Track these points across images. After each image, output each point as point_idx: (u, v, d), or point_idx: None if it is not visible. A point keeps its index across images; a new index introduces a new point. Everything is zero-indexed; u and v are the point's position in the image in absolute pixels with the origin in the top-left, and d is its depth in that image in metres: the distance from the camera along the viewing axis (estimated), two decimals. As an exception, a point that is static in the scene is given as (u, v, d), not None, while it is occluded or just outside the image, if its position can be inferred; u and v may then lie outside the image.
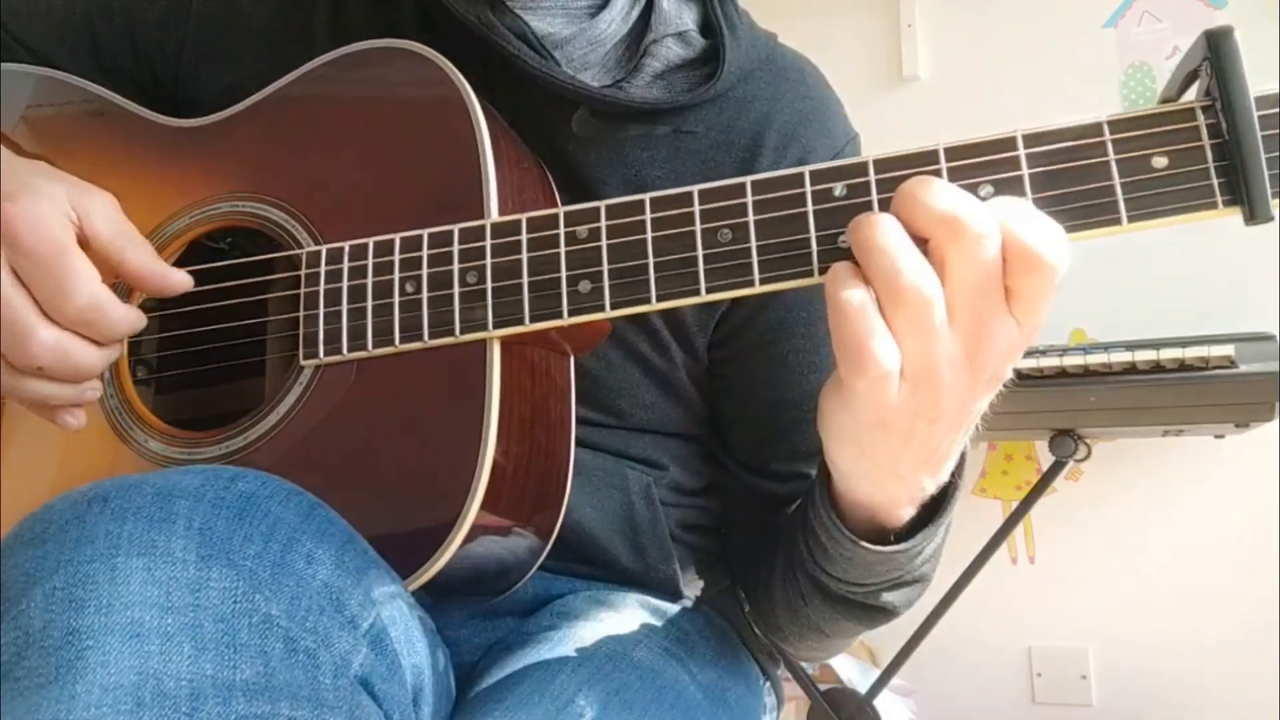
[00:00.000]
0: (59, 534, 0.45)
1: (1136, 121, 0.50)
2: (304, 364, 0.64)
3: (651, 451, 0.78)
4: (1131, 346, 1.69)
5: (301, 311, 0.64)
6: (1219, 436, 1.99)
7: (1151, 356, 1.65)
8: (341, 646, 0.48)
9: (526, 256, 0.58)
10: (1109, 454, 2.18)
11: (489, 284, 0.59)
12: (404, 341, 0.61)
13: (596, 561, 0.76)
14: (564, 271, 0.57)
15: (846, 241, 0.51)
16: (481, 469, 0.58)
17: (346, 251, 0.63)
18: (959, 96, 2.42)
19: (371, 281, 0.62)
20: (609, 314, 0.56)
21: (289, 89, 0.71)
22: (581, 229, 0.57)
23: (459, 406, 0.60)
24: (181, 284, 0.66)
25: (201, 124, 0.74)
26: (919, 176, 0.50)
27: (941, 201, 0.48)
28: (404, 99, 0.68)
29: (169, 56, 0.81)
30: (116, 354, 0.65)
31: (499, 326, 0.59)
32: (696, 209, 0.55)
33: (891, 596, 0.67)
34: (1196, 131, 0.49)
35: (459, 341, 0.60)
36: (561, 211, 0.58)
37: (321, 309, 0.63)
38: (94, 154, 0.76)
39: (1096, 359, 1.69)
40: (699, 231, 0.55)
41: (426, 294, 0.60)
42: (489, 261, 0.59)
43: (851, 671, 1.95)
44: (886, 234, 0.49)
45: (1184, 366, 1.64)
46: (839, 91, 0.83)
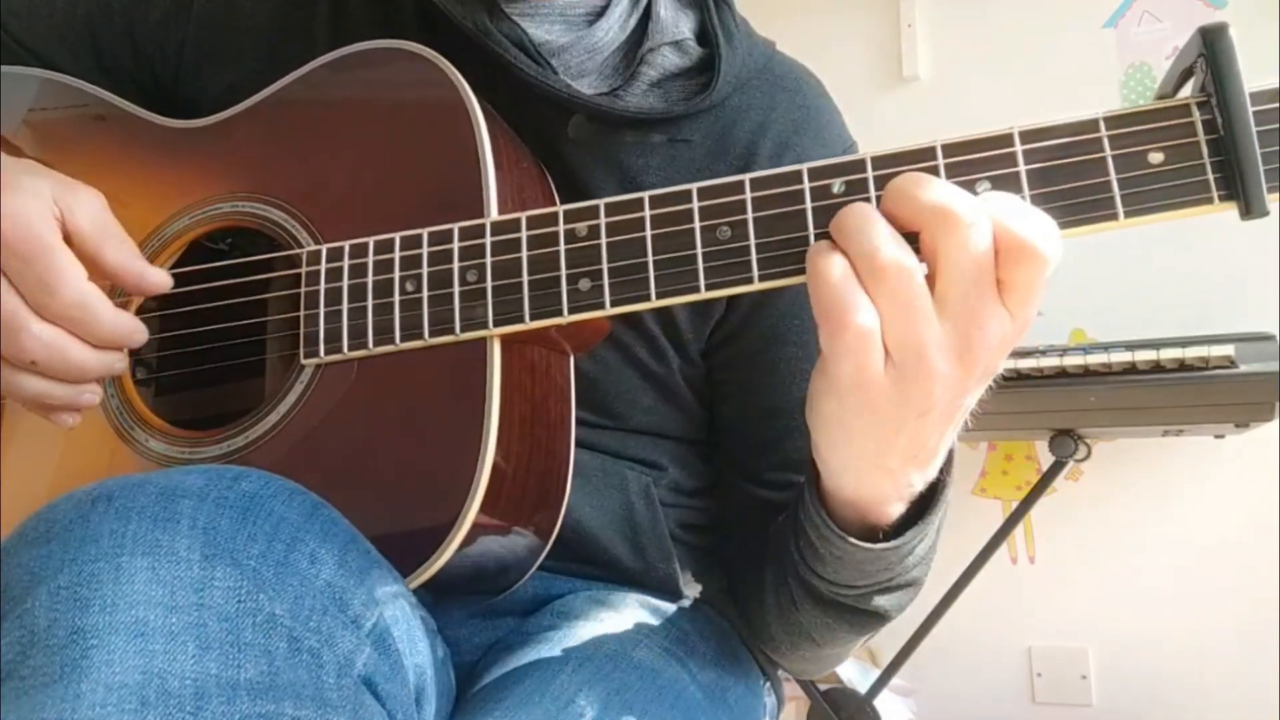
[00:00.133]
0: (63, 533, 0.45)
1: (1132, 118, 0.50)
2: (305, 363, 0.64)
3: (650, 453, 0.78)
4: (1131, 346, 1.69)
5: (302, 310, 0.64)
6: (1219, 436, 1.99)
7: (1151, 356, 1.65)
8: (345, 646, 0.48)
9: (526, 255, 0.58)
10: (1109, 454, 2.19)
11: (489, 282, 0.59)
12: (405, 340, 0.61)
13: (596, 561, 0.76)
14: (564, 269, 0.57)
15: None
16: (482, 468, 0.59)
17: (347, 250, 0.63)
18: (959, 96, 2.42)
19: (372, 280, 0.62)
20: (609, 311, 0.57)
21: (289, 89, 0.72)
22: (581, 227, 0.57)
23: (459, 405, 0.60)
24: (160, 284, 0.65)
25: (201, 124, 0.74)
26: (909, 174, 0.50)
27: (930, 192, 0.48)
28: (404, 99, 0.68)
29: (169, 57, 0.81)
30: (118, 363, 0.64)
31: (499, 325, 0.59)
32: (695, 206, 0.55)
33: (883, 600, 0.66)
34: (1192, 127, 0.49)
35: (459, 340, 0.60)
36: (561, 210, 0.58)
37: (322, 308, 0.63)
38: (94, 155, 0.76)
39: (1096, 359, 1.69)
40: (698, 229, 0.55)
41: (427, 292, 0.61)
42: (489, 260, 0.59)
43: (851, 671, 1.95)
44: (866, 216, 0.50)
45: (1184, 366, 1.64)
46: (839, 91, 0.83)
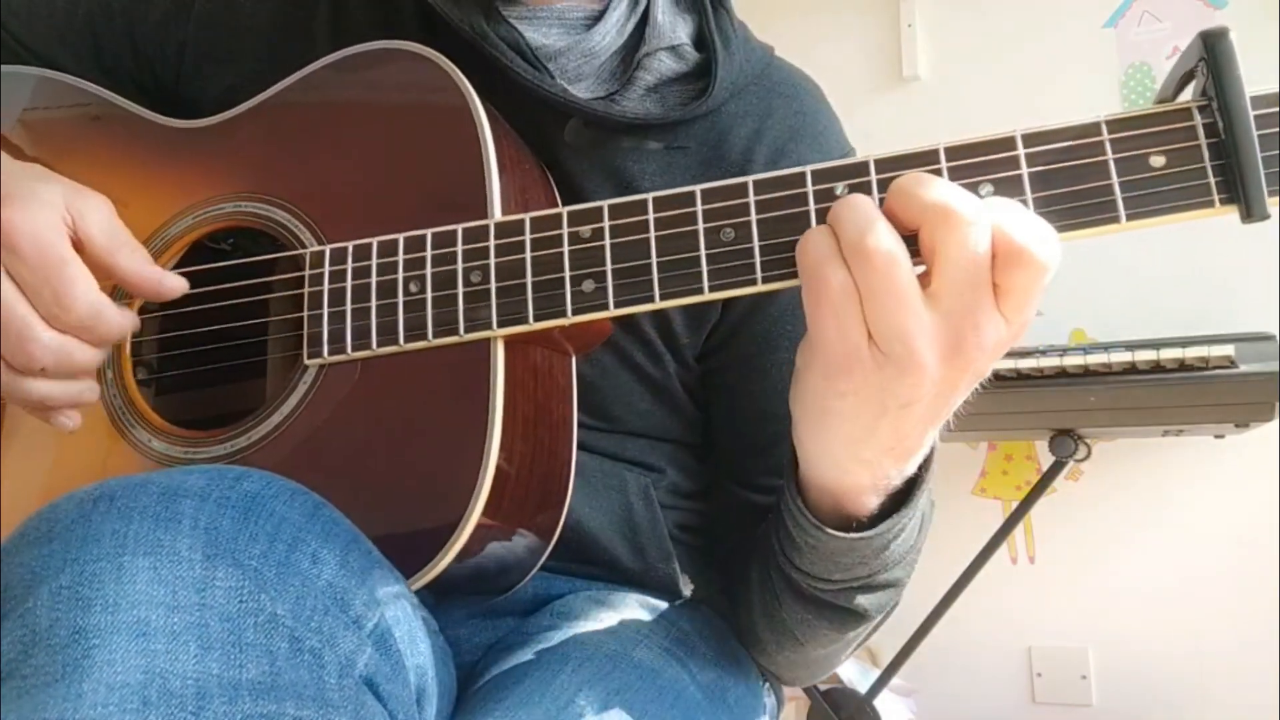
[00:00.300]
0: (65, 533, 0.45)
1: (1134, 121, 0.50)
2: (308, 363, 0.64)
3: (647, 455, 0.78)
4: (1131, 346, 1.69)
5: (306, 311, 0.64)
6: (1219, 436, 1.99)
7: (1151, 356, 1.65)
8: (346, 646, 0.48)
9: (530, 256, 0.58)
10: (1109, 454, 2.19)
11: (493, 283, 0.59)
12: (408, 341, 0.61)
13: (596, 561, 0.76)
14: (568, 271, 0.57)
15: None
16: (486, 468, 0.59)
17: (350, 251, 0.63)
18: (959, 96, 2.42)
19: (375, 281, 0.62)
20: (613, 313, 0.57)
21: (292, 89, 0.72)
22: (585, 229, 0.57)
23: (463, 406, 0.60)
24: (176, 288, 0.67)
25: (203, 125, 0.74)
26: (911, 173, 0.50)
27: (931, 191, 0.49)
28: (407, 99, 0.68)
29: (169, 57, 0.81)
30: (109, 349, 0.67)
31: (503, 326, 0.59)
32: (699, 208, 0.55)
33: (864, 600, 0.66)
34: (1193, 131, 0.50)
35: (463, 341, 0.60)
36: (565, 211, 0.58)
37: (326, 308, 0.63)
38: (95, 156, 0.76)
39: (1096, 359, 1.69)
40: (701, 231, 0.55)
41: (431, 293, 0.61)
42: (493, 261, 0.59)
43: (851, 671, 1.95)
44: (860, 207, 0.50)
45: (1184, 366, 1.64)
46: (838, 92, 0.83)
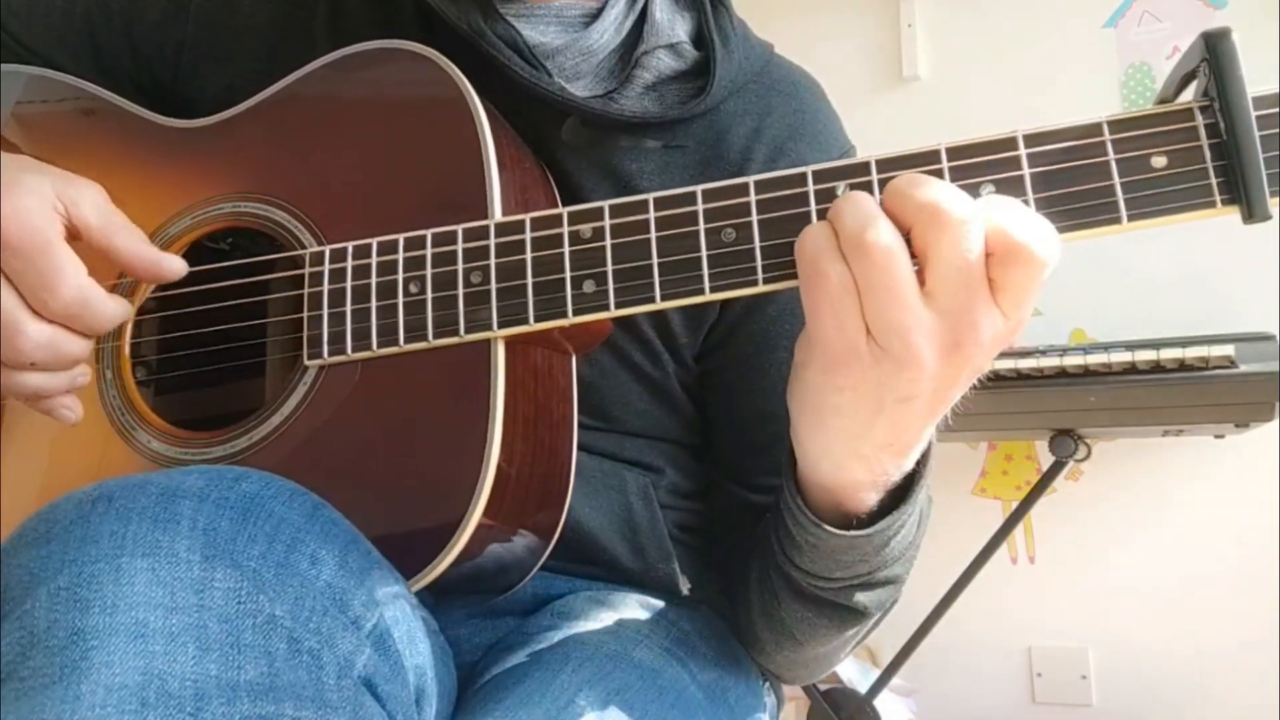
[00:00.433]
0: (63, 534, 0.45)
1: (1136, 121, 0.50)
2: (308, 364, 0.64)
3: (646, 455, 0.78)
4: (1131, 346, 1.69)
5: (305, 312, 0.64)
6: (1219, 436, 1.99)
7: (1151, 356, 1.66)
8: (345, 647, 0.48)
9: (531, 256, 0.58)
10: (1109, 454, 2.19)
11: (493, 284, 0.59)
12: (408, 341, 0.61)
13: (596, 561, 0.76)
14: (568, 271, 0.57)
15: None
16: (486, 469, 0.59)
17: (350, 251, 0.63)
18: (959, 96, 2.42)
19: (375, 281, 0.62)
20: (613, 313, 0.57)
21: (290, 89, 0.71)
22: (585, 228, 0.57)
23: (463, 406, 0.60)
24: (176, 269, 0.66)
25: (202, 124, 0.74)
26: (908, 174, 0.50)
27: (922, 191, 0.49)
28: (406, 99, 0.68)
29: (168, 57, 0.81)
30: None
31: (503, 326, 0.59)
32: (700, 208, 0.55)
33: (863, 597, 0.66)
34: (1195, 131, 0.49)
35: (463, 341, 0.60)
36: (565, 211, 0.58)
37: (325, 309, 0.63)
38: (94, 155, 0.76)
39: (1096, 359, 1.69)
40: (702, 231, 0.55)
41: (431, 294, 0.60)
42: (493, 261, 0.59)
43: (851, 671, 1.95)
44: (860, 203, 0.50)
45: (1184, 366, 1.64)
46: (838, 91, 0.83)
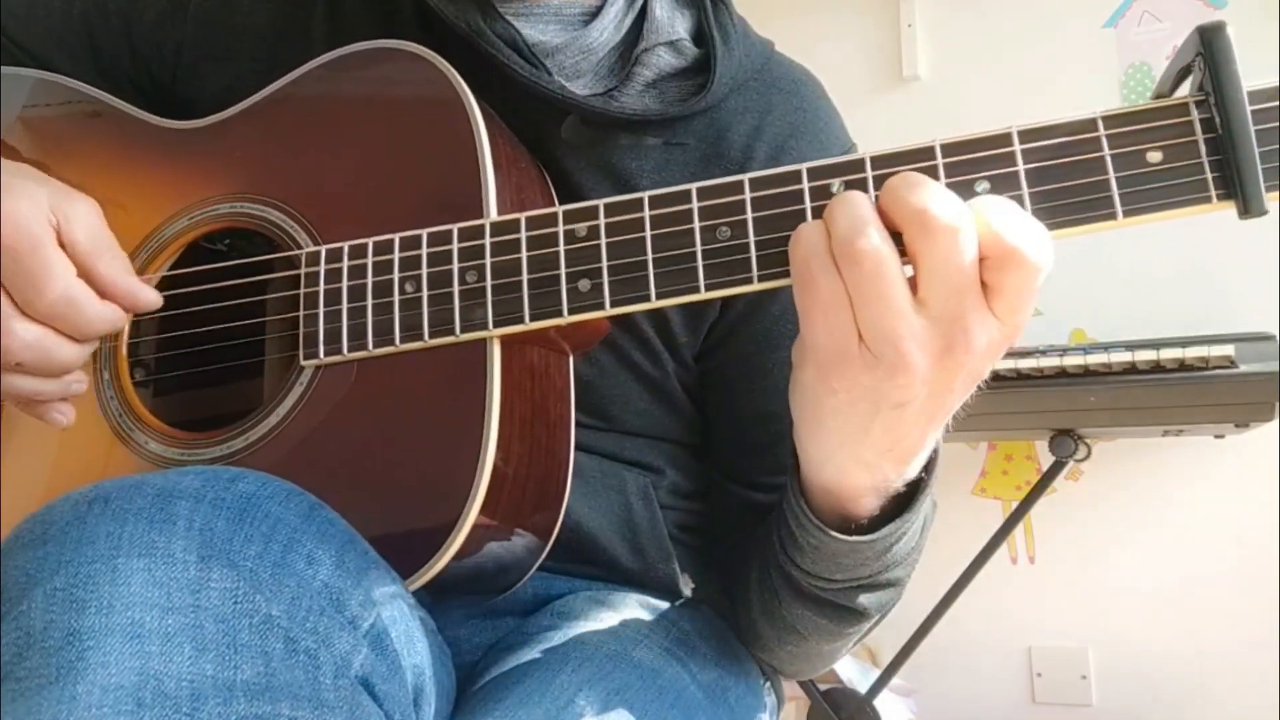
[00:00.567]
0: (60, 535, 0.45)
1: (1131, 117, 0.50)
2: (304, 364, 0.64)
3: (646, 455, 0.78)
4: (1131, 346, 1.69)
5: (301, 311, 0.64)
6: (1219, 436, 1.99)
7: (1151, 356, 1.65)
8: (342, 647, 0.48)
9: (526, 255, 0.58)
10: (1109, 454, 2.18)
11: (489, 283, 0.59)
12: (404, 341, 0.61)
13: (596, 561, 0.76)
14: (563, 270, 0.57)
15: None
16: (482, 469, 0.58)
17: (346, 251, 0.63)
18: (959, 96, 2.42)
19: (371, 281, 0.62)
20: (609, 312, 0.57)
21: (287, 89, 0.71)
22: (580, 227, 0.57)
23: (459, 406, 0.60)
24: (150, 303, 0.67)
25: (200, 125, 0.74)
26: (904, 174, 0.50)
27: (914, 195, 0.48)
28: (402, 99, 0.68)
29: (166, 57, 0.81)
30: (93, 346, 0.66)
31: (499, 325, 0.59)
32: (695, 206, 0.55)
33: (865, 599, 0.66)
34: (1190, 126, 0.49)
35: (459, 341, 0.60)
36: (560, 210, 0.58)
37: (321, 309, 0.63)
38: (92, 156, 0.76)
39: (1096, 359, 1.69)
40: (697, 229, 0.55)
41: (426, 293, 0.60)
42: (488, 260, 0.59)
43: (851, 671, 1.95)
44: (854, 204, 0.50)
45: (1184, 366, 1.64)
46: (838, 91, 0.83)
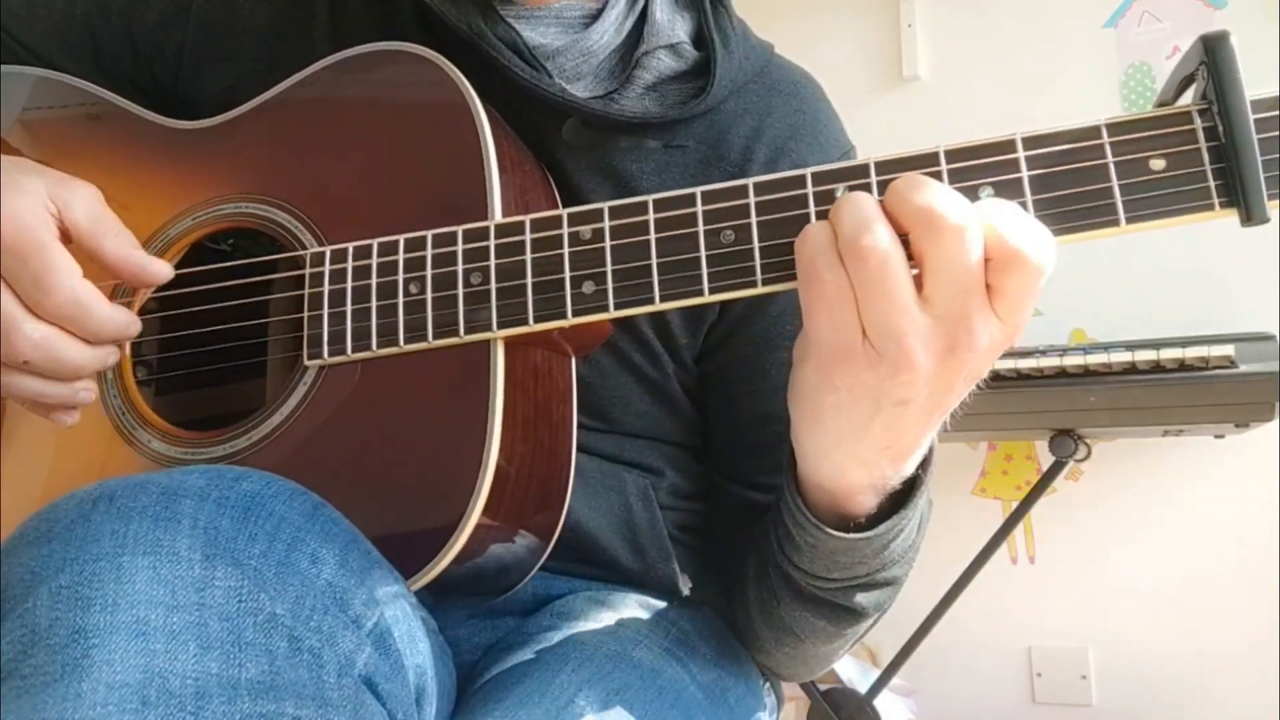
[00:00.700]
0: (65, 533, 0.45)
1: (1134, 124, 0.50)
2: (308, 364, 0.64)
3: (646, 456, 0.78)
4: (1131, 346, 1.69)
5: (306, 312, 0.64)
6: (1219, 436, 1.99)
7: (1151, 356, 1.65)
8: (345, 646, 0.48)
9: (530, 257, 0.58)
10: (1109, 454, 2.19)
11: (493, 284, 0.59)
12: (408, 342, 0.61)
13: (596, 562, 0.76)
14: (568, 272, 0.58)
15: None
16: (485, 469, 0.59)
17: (350, 252, 0.63)
18: (959, 96, 2.42)
19: (375, 282, 0.62)
20: (612, 314, 0.57)
21: (292, 90, 0.72)
22: (585, 230, 0.58)
23: (463, 407, 0.60)
24: (160, 274, 0.66)
25: (203, 125, 0.74)
26: (908, 175, 0.50)
27: (920, 195, 0.49)
28: (407, 100, 0.68)
29: (168, 58, 0.81)
30: (111, 356, 0.65)
31: (503, 327, 0.59)
32: (699, 210, 0.55)
33: (862, 598, 0.66)
34: (1193, 134, 0.50)
35: (463, 342, 0.60)
36: (565, 213, 0.58)
37: (326, 309, 0.63)
38: (95, 157, 0.76)
39: (1096, 359, 1.69)
40: (701, 232, 0.55)
41: (430, 294, 0.61)
42: (493, 262, 0.59)
43: (851, 671, 1.95)
44: (860, 204, 0.50)
45: (1184, 366, 1.64)
46: (838, 91, 0.83)
